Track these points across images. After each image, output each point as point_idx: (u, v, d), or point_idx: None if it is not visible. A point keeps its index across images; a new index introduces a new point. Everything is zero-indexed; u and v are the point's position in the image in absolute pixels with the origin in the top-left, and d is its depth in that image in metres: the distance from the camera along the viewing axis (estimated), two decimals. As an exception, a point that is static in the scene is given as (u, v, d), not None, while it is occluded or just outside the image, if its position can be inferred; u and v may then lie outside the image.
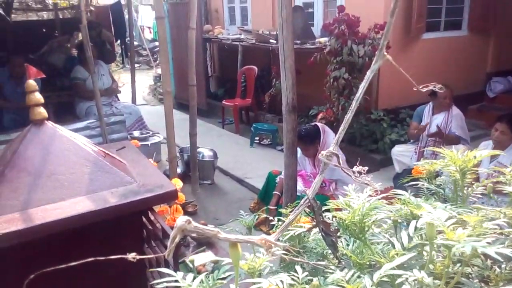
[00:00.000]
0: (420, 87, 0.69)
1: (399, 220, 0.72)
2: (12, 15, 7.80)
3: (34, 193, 1.84)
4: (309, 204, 0.67)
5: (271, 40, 5.71)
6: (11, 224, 1.66)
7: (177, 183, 2.37)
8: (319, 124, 3.50)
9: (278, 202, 3.40)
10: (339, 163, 0.70)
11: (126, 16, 7.70)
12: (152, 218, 2.19)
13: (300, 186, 3.35)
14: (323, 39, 5.14)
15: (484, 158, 0.98)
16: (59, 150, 2.00)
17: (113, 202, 1.85)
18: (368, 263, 0.64)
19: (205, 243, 2.67)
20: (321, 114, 5.03)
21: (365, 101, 4.78)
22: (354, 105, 0.73)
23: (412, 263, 0.58)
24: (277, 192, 3.44)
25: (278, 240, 0.63)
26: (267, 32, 6.05)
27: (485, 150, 0.92)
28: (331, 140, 3.39)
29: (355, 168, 0.73)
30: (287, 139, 2.23)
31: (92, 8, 7.59)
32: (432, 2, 5.25)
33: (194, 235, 2.50)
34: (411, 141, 4.30)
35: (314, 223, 0.73)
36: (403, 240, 0.63)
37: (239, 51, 6.67)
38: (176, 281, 0.64)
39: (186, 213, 3.66)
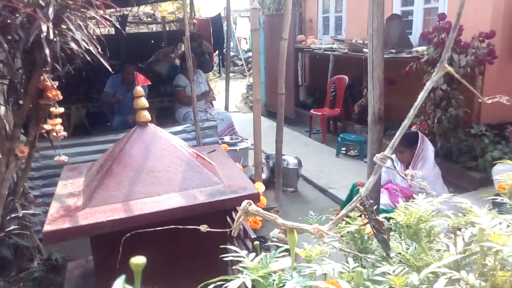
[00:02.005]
0: (486, 99, 0.67)
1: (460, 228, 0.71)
2: (126, 28, 8.77)
3: (135, 186, 2.07)
4: (361, 201, 0.69)
5: (364, 49, 5.60)
6: (114, 213, 1.89)
7: (260, 187, 2.47)
8: (420, 133, 3.34)
9: None
10: (394, 166, 0.71)
11: (225, 28, 8.15)
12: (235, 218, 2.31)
13: (385, 200, 3.24)
14: (420, 48, 4.92)
15: None
16: (159, 149, 2.22)
17: (202, 200, 2.01)
18: (425, 266, 0.64)
19: (286, 249, 2.73)
20: (414, 126, 4.79)
21: (465, 114, 4.45)
22: (412, 112, 0.74)
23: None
24: None
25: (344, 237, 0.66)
26: (361, 41, 5.95)
27: None
28: (429, 153, 3.22)
29: (408, 171, 0.73)
30: (372, 150, 2.19)
31: (195, 21, 8.19)
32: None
33: (275, 240, 2.59)
34: (518, 159, 3.89)
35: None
36: (457, 245, 0.63)
37: (330, 61, 6.65)
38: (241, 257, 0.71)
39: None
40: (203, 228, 0.73)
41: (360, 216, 0.89)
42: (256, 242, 0.75)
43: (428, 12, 5.57)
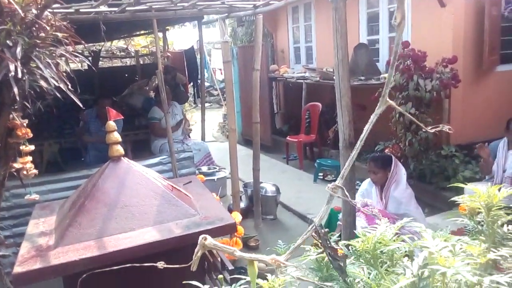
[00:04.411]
0: (429, 128, 0.71)
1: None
2: (100, 63, 8.77)
3: (109, 222, 2.03)
4: (315, 230, 0.71)
5: (334, 77, 5.77)
6: (87, 251, 1.85)
7: (236, 217, 2.46)
8: (393, 157, 3.44)
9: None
10: (346, 195, 0.73)
11: (199, 60, 8.27)
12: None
13: (363, 223, 3.27)
14: (387, 75, 5.11)
15: None
16: (132, 183, 2.21)
17: (177, 233, 1.99)
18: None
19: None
20: (387, 150, 4.91)
21: (434, 136, 4.60)
22: (358, 144, 0.78)
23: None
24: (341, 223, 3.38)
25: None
26: (331, 70, 6.14)
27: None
28: (402, 175, 3.31)
29: (357, 199, 0.76)
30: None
31: (169, 54, 8.28)
32: (506, 33, 5.02)
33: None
34: (487, 178, 4.02)
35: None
36: (413, 268, 0.65)
37: (303, 89, 6.81)
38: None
39: (248, 247, 3.72)
40: (160, 265, 0.73)
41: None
42: (220, 276, 0.75)
43: (393, 40, 5.82)
